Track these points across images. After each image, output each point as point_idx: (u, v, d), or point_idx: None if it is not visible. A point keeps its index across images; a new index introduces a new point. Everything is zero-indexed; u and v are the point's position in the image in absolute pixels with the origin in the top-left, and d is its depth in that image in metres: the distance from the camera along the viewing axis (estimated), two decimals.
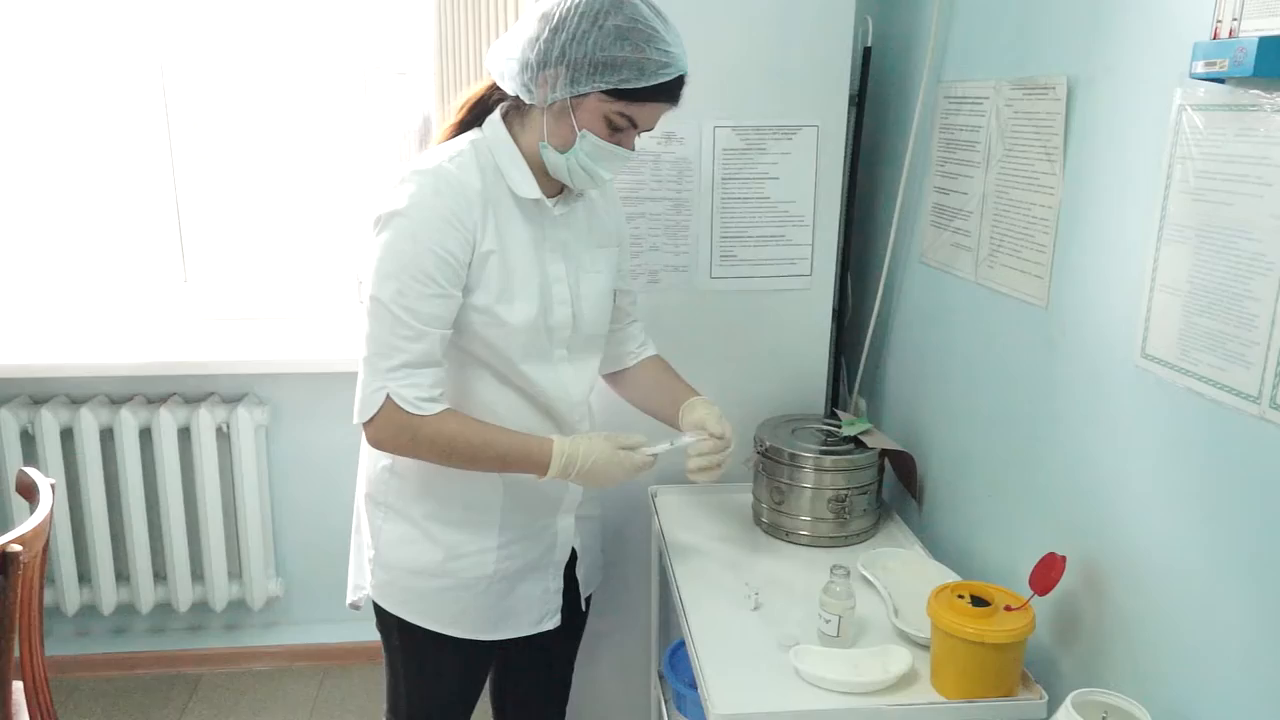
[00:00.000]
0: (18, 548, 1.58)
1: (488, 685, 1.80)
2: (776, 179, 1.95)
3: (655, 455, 1.53)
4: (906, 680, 1.37)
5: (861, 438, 1.86)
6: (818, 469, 1.77)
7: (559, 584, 1.66)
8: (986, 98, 1.64)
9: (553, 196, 1.50)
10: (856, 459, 1.79)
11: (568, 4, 1.35)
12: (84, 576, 2.66)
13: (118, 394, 2.60)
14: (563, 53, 1.34)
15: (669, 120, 1.86)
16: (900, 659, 1.38)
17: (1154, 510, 1.22)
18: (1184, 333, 1.15)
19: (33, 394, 2.57)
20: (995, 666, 1.31)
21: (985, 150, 1.64)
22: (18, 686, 1.76)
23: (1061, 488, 1.44)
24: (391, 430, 1.41)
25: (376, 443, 1.44)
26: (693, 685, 1.45)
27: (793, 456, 1.79)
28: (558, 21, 1.35)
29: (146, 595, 2.67)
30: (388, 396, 1.38)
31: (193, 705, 2.66)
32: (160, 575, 2.69)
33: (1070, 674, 1.40)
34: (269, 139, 2.70)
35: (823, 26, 1.89)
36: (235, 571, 2.72)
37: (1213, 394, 1.10)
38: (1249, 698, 1.07)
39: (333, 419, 2.65)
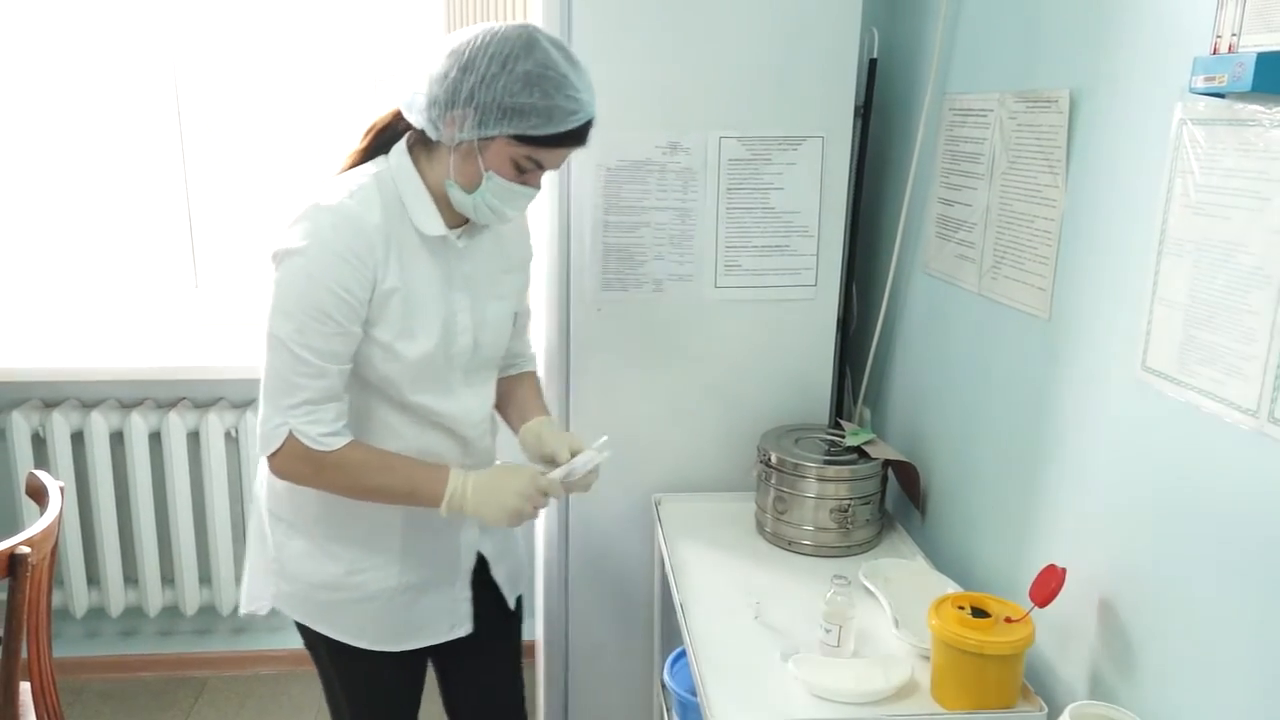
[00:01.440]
0: (26, 550, 1.60)
1: (442, 701, 1.81)
2: (782, 189, 1.95)
3: (557, 479, 1.49)
4: (907, 691, 1.37)
5: (865, 448, 1.86)
6: (821, 479, 1.77)
7: (467, 593, 1.64)
8: (990, 110, 1.64)
9: (456, 227, 1.49)
10: (860, 469, 1.79)
11: (478, 44, 1.34)
12: (93, 579, 2.68)
13: (128, 398, 2.62)
14: (471, 94, 1.33)
15: (675, 130, 1.90)
16: (901, 669, 1.39)
17: (1154, 523, 1.22)
18: (1183, 346, 1.15)
19: (44, 397, 2.60)
20: (995, 678, 1.32)
21: (989, 162, 1.65)
22: (25, 687, 1.78)
23: (1062, 499, 1.44)
24: (295, 464, 1.41)
25: (281, 475, 1.44)
26: (694, 693, 1.45)
27: (796, 466, 1.79)
28: (467, 61, 1.33)
29: (154, 598, 2.68)
30: (290, 433, 1.39)
31: (199, 708, 2.67)
32: (168, 579, 2.71)
33: (1069, 686, 1.40)
34: (281, 144, 2.73)
35: (829, 38, 1.90)
36: (242, 575, 2.73)
37: (1212, 407, 1.10)
38: (1247, 711, 1.07)
39: None
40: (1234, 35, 1.04)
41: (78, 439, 2.56)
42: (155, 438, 2.58)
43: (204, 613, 2.76)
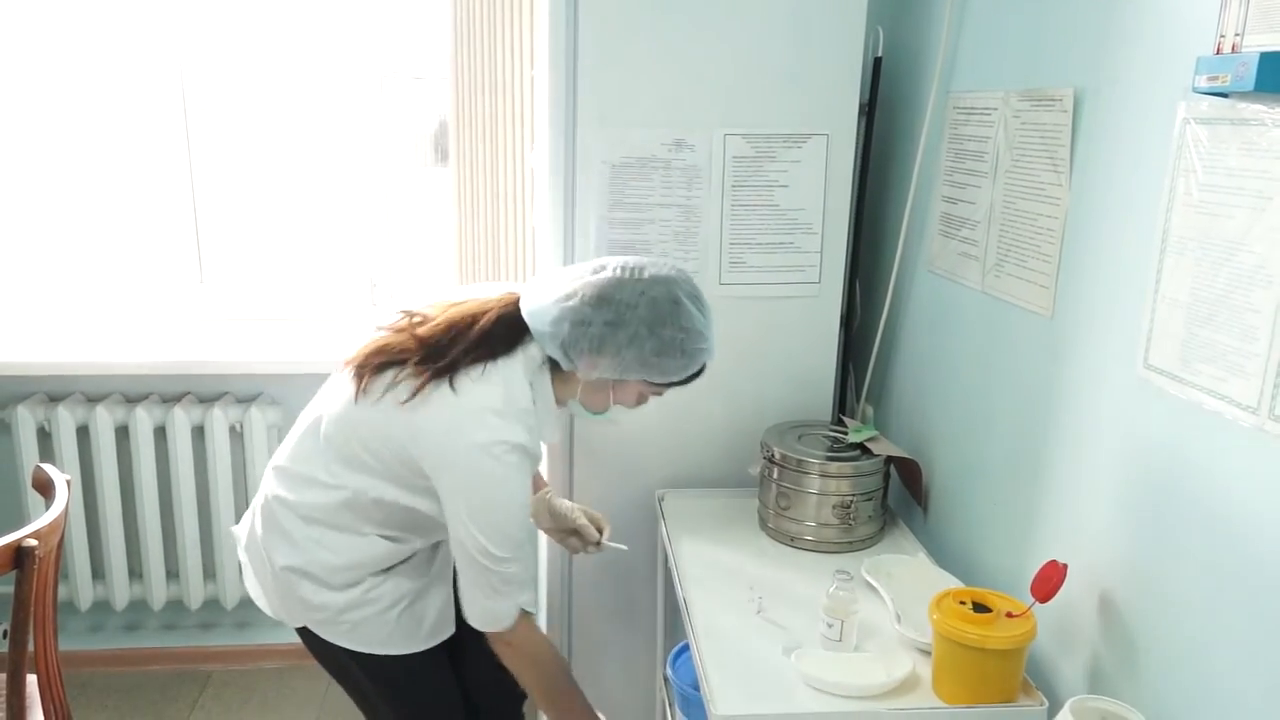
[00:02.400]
0: (33, 542, 1.61)
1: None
2: (786, 187, 1.96)
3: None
4: (908, 685, 1.38)
5: (868, 444, 1.87)
6: (824, 475, 1.78)
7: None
8: (995, 108, 1.65)
9: None
10: (862, 465, 1.80)
11: (626, 300, 1.44)
12: (98, 573, 2.69)
13: (133, 392, 2.63)
14: (618, 350, 1.45)
15: (680, 127, 1.91)
16: (902, 664, 1.40)
17: (1155, 519, 1.23)
18: (1185, 344, 1.16)
19: (50, 392, 2.61)
20: (996, 673, 1.32)
21: (993, 160, 1.66)
22: (31, 680, 1.79)
23: (1064, 496, 1.45)
24: (520, 645, 1.57)
25: (502, 654, 1.57)
26: (696, 688, 1.46)
27: (799, 462, 1.80)
28: (614, 317, 1.44)
29: (159, 592, 2.70)
30: (522, 611, 1.54)
31: (203, 701, 2.68)
32: (173, 572, 2.72)
33: (1070, 681, 1.41)
34: (286, 142, 2.74)
35: (834, 36, 1.91)
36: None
37: (1213, 405, 1.11)
38: (1247, 706, 1.08)
39: None
40: (1237, 35, 1.05)
41: (83, 433, 2.57)
42: (160, 432, 2.59)
43: (208, 606, 2.77)
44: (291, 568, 1.59)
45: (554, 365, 1.53)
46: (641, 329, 1.44)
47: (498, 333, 1.50)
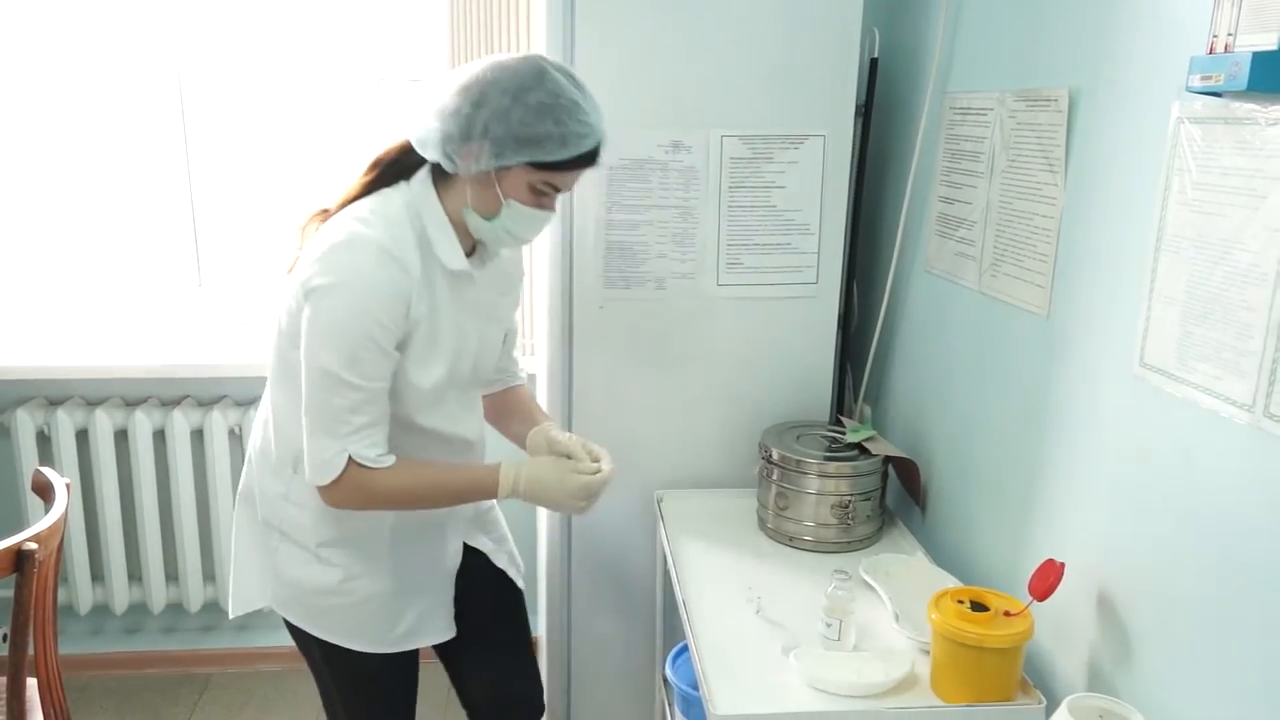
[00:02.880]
0: (33, 546, 1.61)
1: (456, 694, 1.83)
2: (783, 188, 1.97)
3: (605, 475, 1.55)
4: (906, 684, 1.38)
5: (866, 444, 1.87)
6: (822, 475, 1.79)
7: (451, 594, 1.69)
8: (990, 109, 1.66)
9: (469, 255, 1.52)
10: (860, 465, 1.81)
11: (489, 78, 1.37)
12: (97, 576, 2.69)
13: (132, 396, 2.63)
14: (486, 128, 1.36)
15: (677, 128, 1.91)
16: (900, 663, 1.40)
17: (1151, 517, 1.24)
18: (1181, 342, 1.16)
19: (49, 396, 2.61)
20: (994, 671, 1.33)
21: (989, 160, 1.66)
22: (31, 683, 1.79)
23: (1061, 494, 1.46)
24: (350, 490, 1.44)
25: (334, 503, 1.47)
26: (696, 688, 1.46)
27: (798, 463, 1.81)
28: (479, 95, 1.36)
29: (159, 595, 2.70)
30: (350, 459, 1.41)
31: (202, 704, 2.68)
32: (172, 575, 2.72)
33: (1068, 679, 1.41)
34: (284, 145, 2.74)
35: (830, 38, 1.92)
36: (230, 578, 2.74)
37: (1209, 402, 1.12)
38: (1244, 702, 1.08)
39: None
40: (1230, 35, 1.05)
41: (82, 437, 2.57)
42: (159, 435, 2.59)
43: (208, 609, 2.77)
44: (267, 520, 1.59)
45: (440, 179, 1.47)
46: (505, 99, 1.35)
47: (385, 164, 1.50)
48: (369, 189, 1.49)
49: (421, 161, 1.47)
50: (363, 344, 1.38)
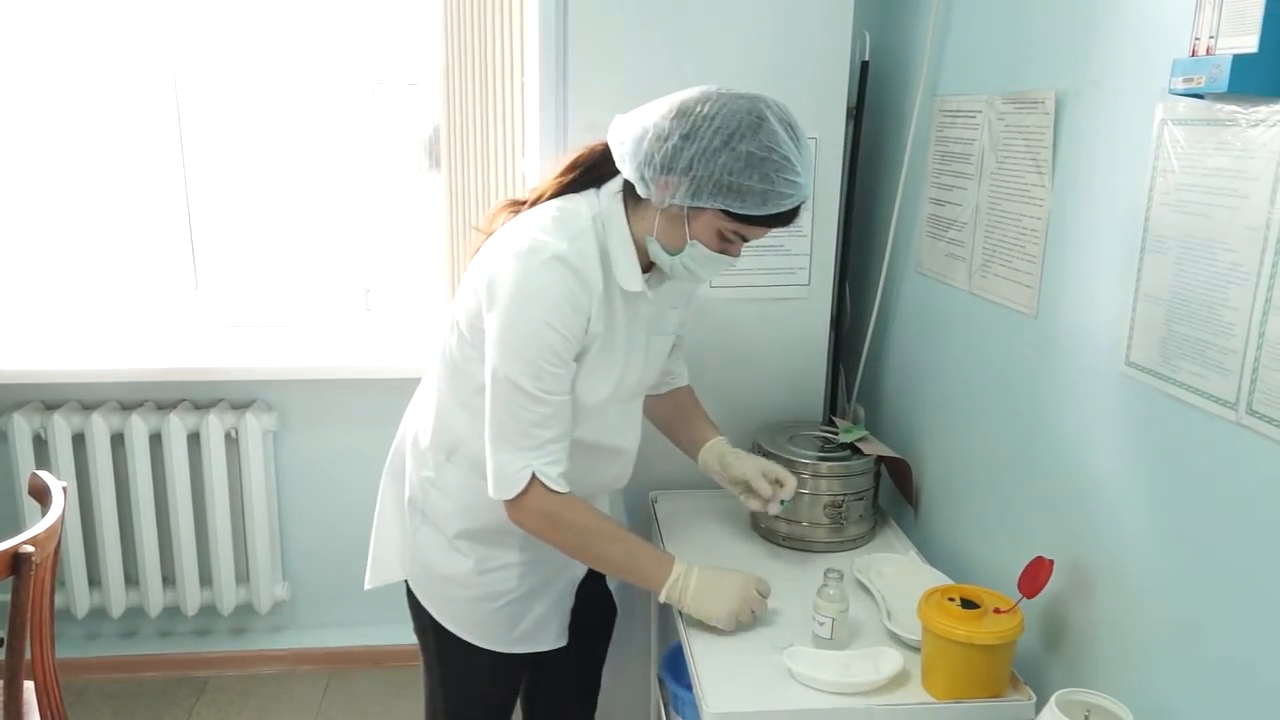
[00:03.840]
0: (30, 549, 1.62)
1: (521, 695, 1.84)
2: None
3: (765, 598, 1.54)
4: (897, 681, 1.39)
5: (858, 444, 1.88)
6: (815, 475, 1.80)
7: (571, 602, 1.71)
8: (979, 111, 1.67)
9: (645, 271, 1.49)
10: (853, 465, 1.82)
11: (705, 112, 1.32)
12: (94, 580, 2.70)
13: (129, 399, 2.64)
14: (690, 165, 1.31)
15: None
16: (892, 660, 1.41)
17: (1138, 514, 1.25)
18: (1165, 341, 1.18)
19: (45, 399, 2.61)
20: (984, 668, 1.34)
21: (978, 162, 1.68)
22: (29, 687, 1.79)
23: (1050, 493, 1.47)
24: (533, 511, 1.44)
25: (519, 522, 1.47)
26: (690, 688, 1.47)
27: (790, 463, 1.81)
28: (690, 129, 1.32)
29: (155, 599, 2.70)
30: (533, 475, 1.41)
31: (199, 708, 2.69)
32: (169, 579, 2.73)
33: (1058, 675, 1.42)
34: (280, 148, 2.75)
35: (821, 41, 1.93)
36: (243, 575, 2.76)
37: (1193, 400, 1.13)
38: (1230, 697, 1.10)
39: (339, 425, 2.68)
40: (1211, 38, 1.07)
41: (78, 441, 2.58)
42: (155, 439, 2.60)
43: (204, 613, 2.78)
44: (412, 500, 1.61)
45: (632, 199, 1.44)
46: (716, 140, 1.30)
47: (582, 167, 1.48)
48: (563, 190, 1.48)
49: (617, 172, 1.44)
50: (547, 356, 1.38)
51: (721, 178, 1.31)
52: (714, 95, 1.35)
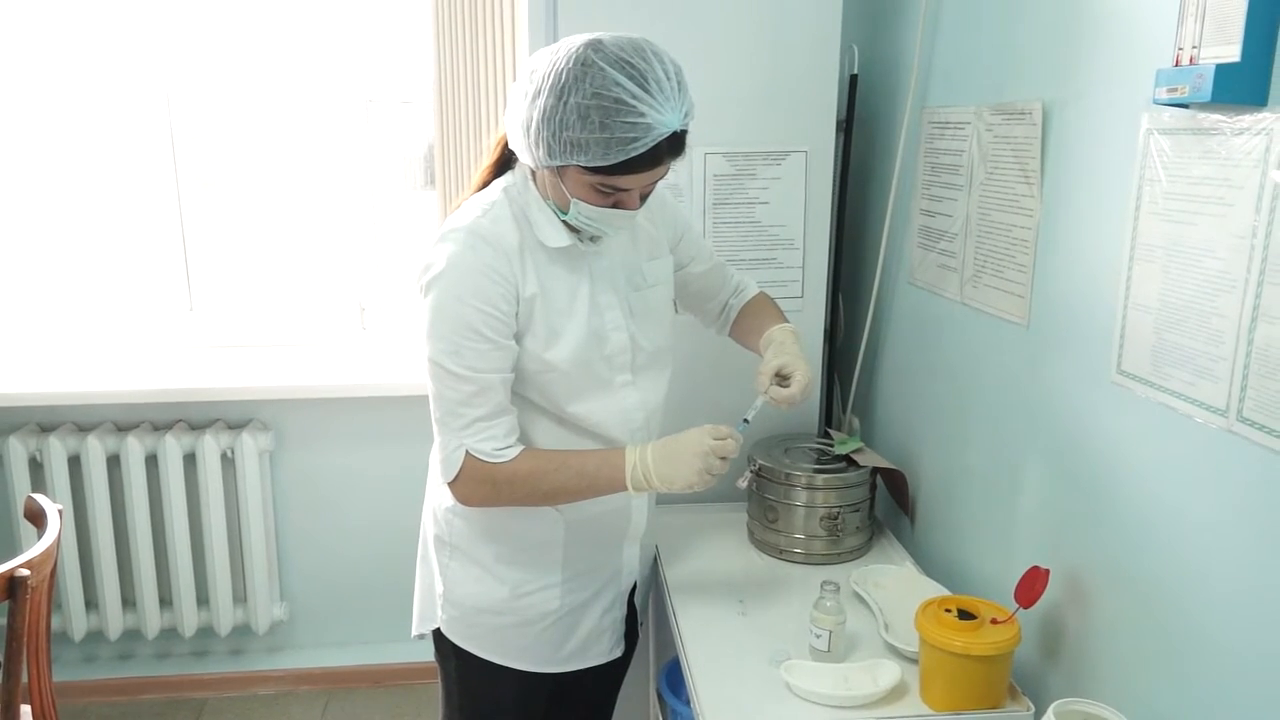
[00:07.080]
0: (26, 572, 1.62)
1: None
2: (767, 204, 1.99)
3: (742, 429, 1.50)
4: (896, 693, 1.39)
5: (854, 456, 1.88)
6: (810, 487, 1.80)
7: (623, 612, 1.69)
8: (968, 122, 1.68)
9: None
10: (849, 477, 1.82)
11: (542, 70, 1.29)
12: (91, 602, 2.69)
13: (124, 421, 2.64)
14: (537, 127, 1.29)
15: None
16: (889, 672, 1.41)
17: (1133, 522, 1.25)
18: (1156, 349, 1.18)
19: (41, 422, 2.61)
20: (982, 678, 1.34)
21: (968, 173, 1.68)
22: (26, 711, 1.79)
23: (1045, 502, 1.47)
24: (474, 485, 1.43)
25: (464, 500, 1.46)
26: (689, 703, 1.47)
27: (786, 475, 1.82)
28: (534, 90, 1.29)
29: (152, 620, 2.69)
30: (466, 453, 1.40)
31: None
32: (166, 600, 2.72)
33: (1056, 685, 1.42)
34: (274, 168, 2.76)
35: (810, 55, 1.94)
36: (240, 596, 2.75)
37: (1184, 408, 1.13)
38: (1229, 707, 1.09)
39: (336, 444, 2.68)
40: (1194, 48, 1.07)
41: (74, 463, 2.57)
42: (152, 460, 2.60)
43: (202, 634, 2.77)
44: (439, 537, 1.59)
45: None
46: (550, 98, 1.26)
47: (501, 150, 1.48)
48: (495, 173, 1.49)
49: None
50: (463, 332, 1.36)
51: (561, 134, 1.26)
52: (553, 49, 1.30)
